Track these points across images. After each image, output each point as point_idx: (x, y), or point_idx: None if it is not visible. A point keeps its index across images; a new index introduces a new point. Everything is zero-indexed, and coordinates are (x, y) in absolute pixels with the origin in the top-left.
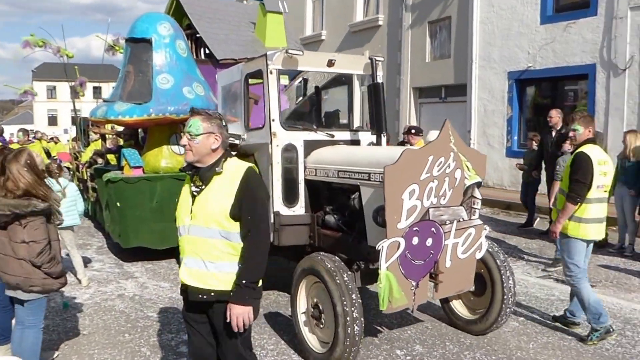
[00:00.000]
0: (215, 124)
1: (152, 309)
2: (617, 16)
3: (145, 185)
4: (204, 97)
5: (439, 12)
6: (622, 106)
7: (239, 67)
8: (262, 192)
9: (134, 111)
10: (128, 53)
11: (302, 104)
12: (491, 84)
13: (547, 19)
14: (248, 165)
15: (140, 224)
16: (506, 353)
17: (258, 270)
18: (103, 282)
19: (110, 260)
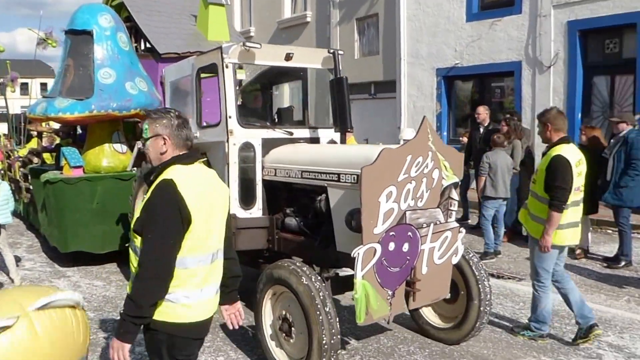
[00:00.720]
0: (161, 125)
1: (86, 308)
2: (541, 14)
3: (86, 186)
4: (147, 93)
5: (366, 9)
6: (548, 103)
7: (190, 61)
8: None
9: (75, 107)
10: (68, 46)
11: (252, 101)
12: (420, 80)
13: (473, 16)
14: (163, 178)
15: (80, 228)
16: (439, 345)
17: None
18: (35, 281)
19: (41, 259)
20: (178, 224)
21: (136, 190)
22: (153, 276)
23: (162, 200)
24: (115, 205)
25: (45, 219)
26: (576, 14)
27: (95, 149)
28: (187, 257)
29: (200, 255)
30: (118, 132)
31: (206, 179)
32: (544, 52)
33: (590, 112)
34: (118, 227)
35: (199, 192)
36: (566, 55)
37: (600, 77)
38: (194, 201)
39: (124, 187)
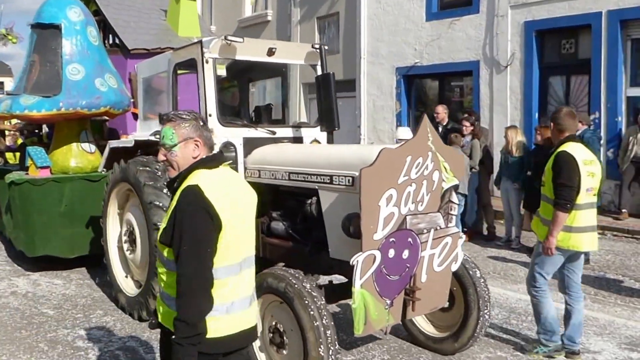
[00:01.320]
0: (191, 127)
1: (46, 305)
2: (498, 14)
3: (54, 188)
4: (117, 90)
5: (327, 7)
6: (505, 102)
7: (167, 57)
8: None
9: (42, 105)
10: (33, 41)
11: (229, 98)
12: (380, 79)
13: (433, 15)
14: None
15: (47, 231)
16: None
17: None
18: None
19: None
20: (211, 231)
21: (108, 193)
22: (197, 289)
23: (191, 207)
24: (84, 208)
25: (10, 221)
26: (533, 15)
27: (63, 148)
28: (218, 267)
29: (230, 264)
30: (86, 131)
31: (233, 183)
32: (501, 52)
33: (547, 112)
34: (88, 230)
35: (227, 197)
36: (523, 55)
37: (557, 77)
38: (222, 207)
39: (93, 189)
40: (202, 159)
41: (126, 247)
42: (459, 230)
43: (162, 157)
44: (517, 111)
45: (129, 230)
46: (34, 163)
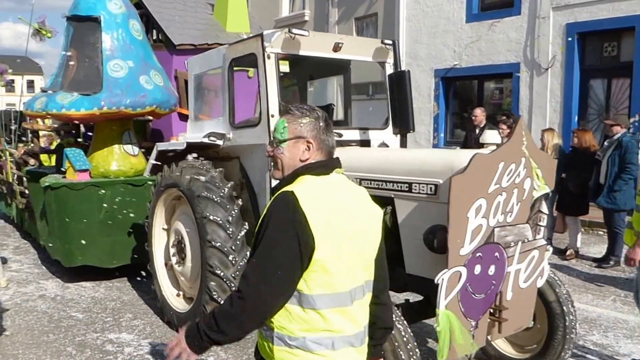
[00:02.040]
0: (306, 125)
1: (75, 309)
2: (539, 16)
3: (93, 192)
4: (163, 88)
5: (365, 8)
6: (545, 105)
7: (221, 52)
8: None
9: (81, 103)
10: (70, 34)
11: (289, 97)
12: (418, 81)
13: (473, 17)
14: (283, 191)
15: (86, 239)
16: None
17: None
18: (22, 282)
19: (28, 261)
20: (293, 251)
21: (155, 199)
22: (249, 309)
23: (276, 217)
24: (126, 214)
25: (45, 228)
26: (575, 17)
27: (103, 150)
28: (316, 295)
29: (334, 293)
30: (129, 131)
31: (346, 194)
32: (542, 54)
33: (587, 115)
34: (130, 238)
35: (332, 211)
36: (564, 57)
37: (597, 80)
38: (322, 223)
39: (136, 194)
40: (309, 163)
41: (175, 259)
42: (546, 243)
43: (269, 151)
44: (556, 114)
45: (178, 240)
46: (72, 166)
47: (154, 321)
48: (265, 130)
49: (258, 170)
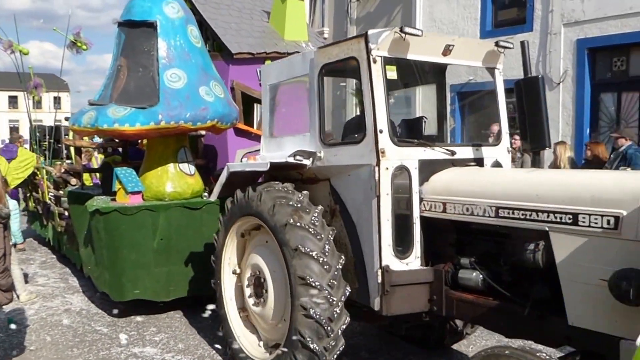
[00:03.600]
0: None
1: (100, 323)
2: (551, 32)
3: (147, 218)
4: (224, 100)
5: (383, 24)
6: (557, 118)
7: (306, 57)
8: None
9: (136, 118)
10: (121, 41)
11: None
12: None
13: (487, 33)
14: None
15: (139, 270)
16: None
17: None
18: (48, 297)
19: (54, 275)
20: None
21: (225, 228)
22: None
23: None
24: (183, 241)
25: (90, 257)
26: (585, 32)
27: (157, 170)
28: None
29: None
30: (185, 148)
31: None
32: (554, 69)
33: (598, 128)
34: (187, 268)
35: None
36: (575, 72)
37: (608, 93)
38: None
39: (193, 218)
40: None
41: (252, 301)
42: None
43: None
44: (568, 127)
45: (255, 276)
46: (123, 187)
47: (177, 335)
48: (371, 149)
49: (359, 193)
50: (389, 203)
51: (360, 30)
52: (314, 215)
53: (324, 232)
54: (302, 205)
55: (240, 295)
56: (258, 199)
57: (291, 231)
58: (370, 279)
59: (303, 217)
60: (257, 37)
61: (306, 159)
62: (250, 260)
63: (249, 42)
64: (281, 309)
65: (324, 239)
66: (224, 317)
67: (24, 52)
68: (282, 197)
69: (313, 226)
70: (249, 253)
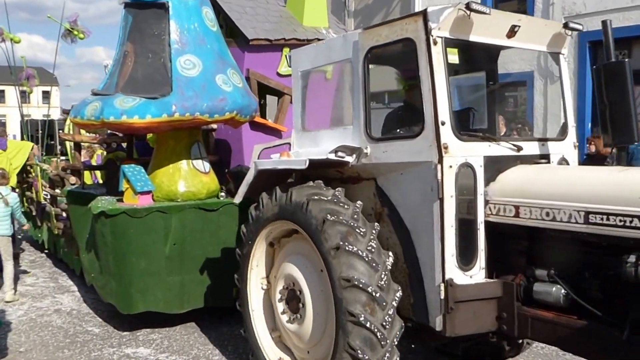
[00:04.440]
0: None
1: (91, 323)
2: None
3: (158, 220)
4: (243, 90)
5: (381, 18)
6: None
7: (349, 39)
8: None
9: (146, 109)
10: (129, 24)
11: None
12: None
13: None
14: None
15: (149, 278)
16: None
17: None
18: (38, 297)
19: (44, 275)
20: None
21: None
22: None
23: None
24: (198, 247)
25: (94, 263)
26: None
27: (169, 167)
28: None
29: None
30: (198, 143)
31: None
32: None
33: None
34: (203, 277)
35: None
36: (576, 66)
37: None
38: None
39: (209, 221)
40: None
41: (286, 317)
42: None
43: None
44: None
45: (289, 289)
46: (131, 187)
47: (171, 334)
48: (431, 144)
49: (414, 197)
50: (453, 206)
51: (358, 23)
52: (354, 210)
53: (367, 227)
54: (340, 202)
55: (270, 314)
56: (292, 200)
57: (332, 229)
58: (429, 293)
59: (342, 212)
60: (274, 23)
61: (349, 155)
62: (282, 271)
63: (266, 27)
64: (322, 322)
65: (368, 234)
66: (254, 341)
67: (15, 41)
68: (319, 195)
69: (354, 221)
70: (280, 264)
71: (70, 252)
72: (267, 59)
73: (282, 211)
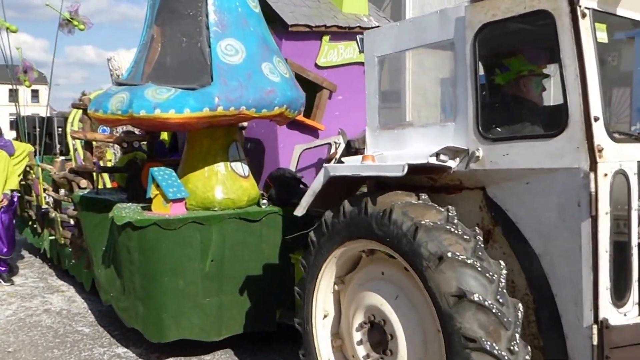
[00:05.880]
0: None
1: (81, 323)
2: None
3: (194, 233)
4: (291, 82)
5: None
6: None
7: (449, 15)
8: None
9: (184, 102)
10: (156, 4)
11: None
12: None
13: None
14: None
15: (184, 301)
16: None
17: None
18: (27, 297)
19: (33, 275)
20: None
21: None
22: None
23: None
24: (238, 263)
25: (115, 282)
26: None
27: (203, 170)
28: None
29: None
30: (236, 143)
31: None
32: None
33: None
34: (243, 298)
35: None
36: None
37: None
38: None
39: (252, 233)
40: None
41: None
42: None
43: None
44: None
45: (371, 323)
46: (162, 194)
47: None
48: (578, 146)
49: (549, 213)
50: (608, 226)
51: None
52: (449, 214)
53: (469, 232)
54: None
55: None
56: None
57: (451, 269)
58: (573, 337)
59: (463, 246)
60: (313, 8)
61: (451, 159)
62: (361, 302)
63: (304, 12)
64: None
65: (472, 239)
66: None
67: (11, 30)
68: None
69: (453, 225)
70: (354, 292)
71: (79, 264)
72: (305, 48)
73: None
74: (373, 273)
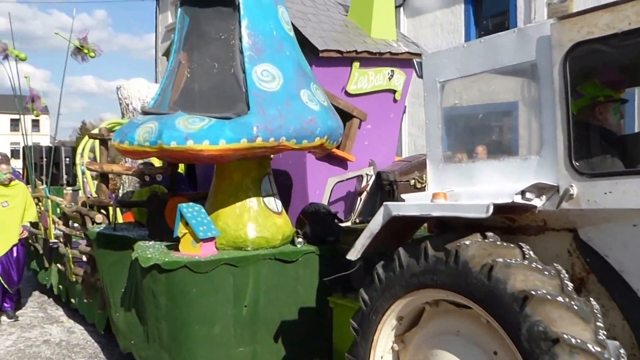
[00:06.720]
0: None
1: (80, 355)
2: None
3: (227, 276)
4: (330, 111)
5: None
6: None
7: (530, 33)
8: None
9: (220, 132)
10: (185, 27)
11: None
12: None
13: None
14: None
15: (215, 351)
16: None
17: None
18: (26, 327)
19: (32, 305)
20: None
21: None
22: None
23: None
24: (273, 308)
25: (136, 328)
26: None
27: (235, 206)
28: None
29: None
30: (269, 176)
31: None
32: None
33: None
34: (277, 346)
35: None
36: None
37: None
38: None
39: (287, 275)
40: None
41: None
42: None
43: None
44: None
45: None
46: (191, 233)
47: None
48: None
49: None
50: None
51: None
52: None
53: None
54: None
55: None
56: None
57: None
58: None
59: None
60: (342, 33)
61: (537, 197)
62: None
63: (334, 37)
64: None
65: (557, 275)
66: None
67: (20, 58)
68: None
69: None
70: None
71: (92, 304)
72: (335, 74)
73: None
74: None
